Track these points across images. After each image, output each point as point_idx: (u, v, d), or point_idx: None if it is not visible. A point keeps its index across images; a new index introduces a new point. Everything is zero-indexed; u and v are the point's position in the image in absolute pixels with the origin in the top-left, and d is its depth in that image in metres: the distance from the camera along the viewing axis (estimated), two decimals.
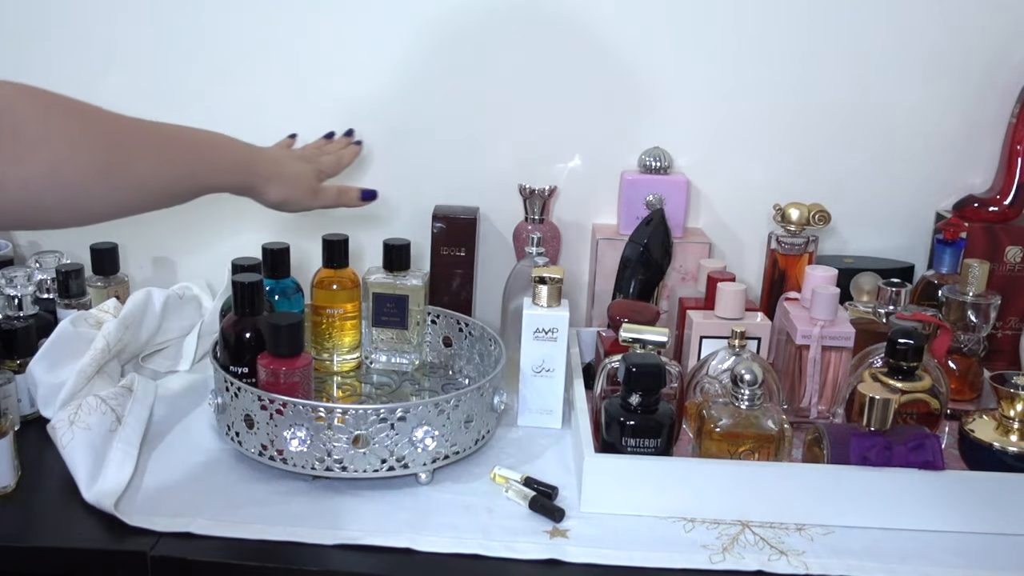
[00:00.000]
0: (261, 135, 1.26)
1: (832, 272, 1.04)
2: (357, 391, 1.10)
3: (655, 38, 1.22)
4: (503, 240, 1.30)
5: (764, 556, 0.81)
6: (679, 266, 1.21)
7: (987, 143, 1.24)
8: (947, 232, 1.13)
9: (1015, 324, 1.20)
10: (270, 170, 0.93)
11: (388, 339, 1.13)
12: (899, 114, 1.24)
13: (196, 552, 0.79)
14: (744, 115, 1.24)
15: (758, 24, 1.21)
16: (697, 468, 0.87)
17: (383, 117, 1.26)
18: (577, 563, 0.80)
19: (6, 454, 0.85)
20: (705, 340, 1.03)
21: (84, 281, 1.14)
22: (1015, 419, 0.90)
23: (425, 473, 0.89)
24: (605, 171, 1.27)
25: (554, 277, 1.00)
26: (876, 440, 0.86)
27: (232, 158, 0.90)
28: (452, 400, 0.89)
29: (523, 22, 1.22)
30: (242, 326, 0.94)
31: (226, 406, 0.92)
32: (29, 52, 1.25)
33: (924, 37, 1.20)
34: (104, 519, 0.82)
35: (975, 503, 0.85)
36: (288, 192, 0.95)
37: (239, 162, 0.90)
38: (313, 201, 0.99)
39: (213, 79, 1.26)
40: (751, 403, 0.89)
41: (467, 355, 1.13)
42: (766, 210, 1.20)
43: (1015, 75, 1.21)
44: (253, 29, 1.23)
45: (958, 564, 0.81)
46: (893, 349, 0.94)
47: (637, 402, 0.88)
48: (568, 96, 1.25)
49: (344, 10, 1.22)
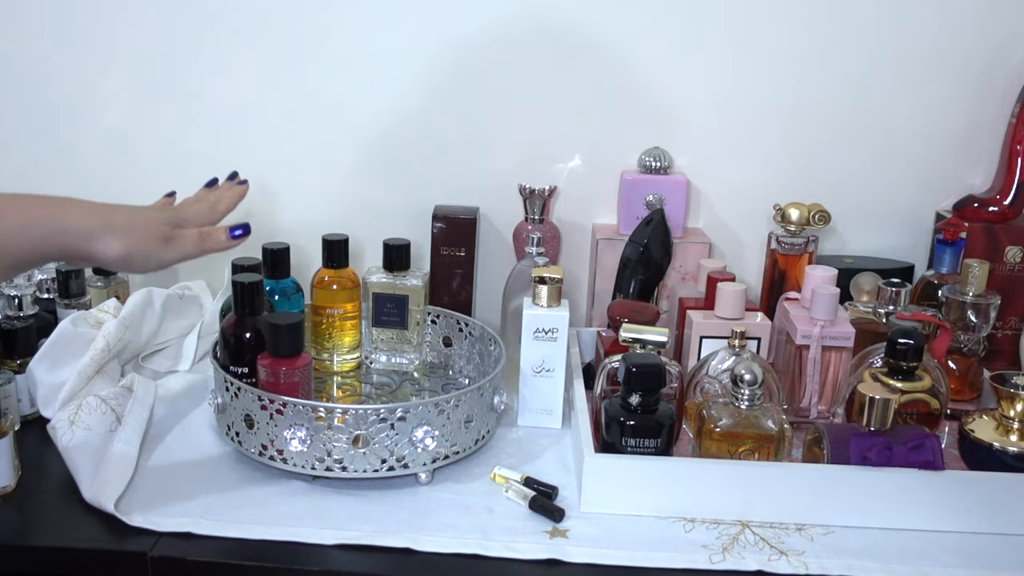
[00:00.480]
0: (260, 135, 1.27)
1: (832, 272, 1.04)
2: (357, 391, 1.10)
3: (655, 38, 1.22)
4: (503, 240, 1.30)
5: (764, 556, 0.81)
6: (679, 266, 1.21)
7: (987, 143, 1.24)
8: (947, 232, 1.13)
9: (1015, 324, 1.20)
10: (93, 222, 0.78)
11: (388, 339, 1.13)
12: (899, 114, 1.24)
13: (196, 552, 0.79)
14: (744, 115, 1.24)
15: (758, 24, 1.21)
16: (697, 468, 0.87)
17: (383, 117, 1.26)
18: (577, 563, 0.80)
19: (6, 454, 0.85)
20: (705, 340, 1.03)
21: (84, 281, 1.15)
22: (1015, 419, 0.90)
23: (425, 473, 0.89)
24: (605, 171, 1.27)
25: (554, 277, 1.00)
26: (876, 440, 0.86)
27: (27, 216, 0.75)
28: (452, 400, 0.89)
29: (523, 23, 1.22)
30: (242, 326, 0.94)
31: (226, 406, 0.92)
32: (29, 52, 1.24)
33: (924, 37, 1.20)
34: (104, 519, 0.82)
35: (975, 503, 0.85)
36: (128, 244, 0.79)
37: (40, 220, 0.76)
38: (166, 251, 0.82)
39: (211, 79, 1.26)
40: (751, 403, 0.89)
41: (467, 355, 1.13)
42: (766, 210, 1.20)
43: (1015, 75, 1.21)
44: (253, 30, 1.23)
45: (958, 564, 0.81)
46: (893, 349, 0.94)
47: (637, 402, 0.88)
48: (568, 96, 1.25)
49: (345, 12, 1.22)
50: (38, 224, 0.75)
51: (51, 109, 1.27)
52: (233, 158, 1.27)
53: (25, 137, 1.28)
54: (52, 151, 1.28)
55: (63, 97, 1.26)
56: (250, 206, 0.95)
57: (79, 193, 0.80)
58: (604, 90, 1.24)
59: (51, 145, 1.28)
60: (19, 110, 1.27)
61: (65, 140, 1.28)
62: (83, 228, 0.77)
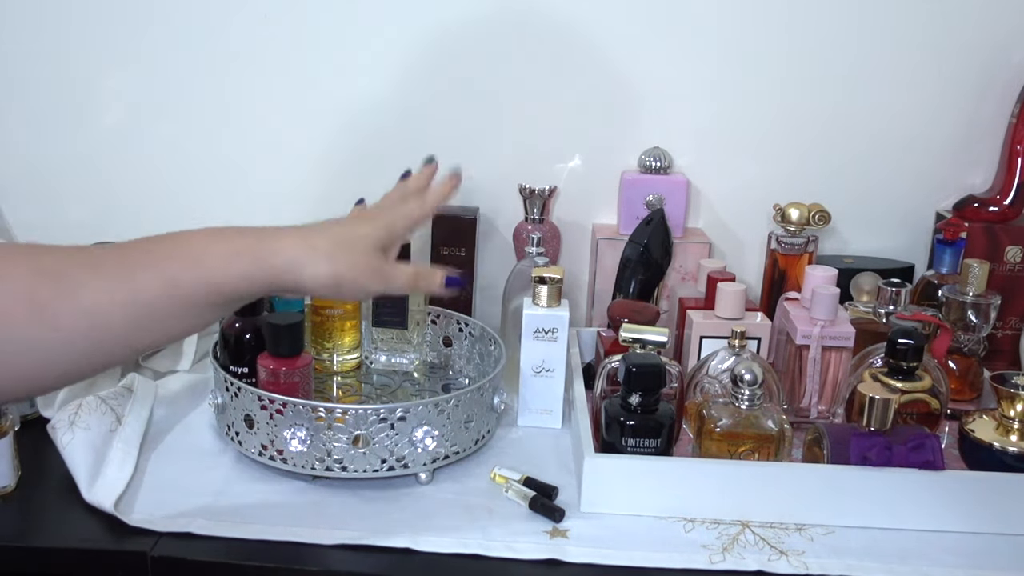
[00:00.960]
0: (259, 135, 1.27)
1: (832, 272, 1.04)
2: (357, 391, 1.10)
3: (655, 38, 1.22)
4: (503, 240, 1.30)
5: (764, 556, 0.81)
6: (679, 266, 1.21)
7: (987, 143, 1.24)
8: (947, 232, 1.13)
9: (1015, 324, 1.20)
10: (293, 247, 0.70)
11: (388, 339, 1.13)
12: (899, 114, 1.24)
13: (196, 552, 0.79)
14: (744, 115, 1.24)
15: (759, 24, 1.21)
16: (697, 468, 0.87)
17: (383, 117, 1.26)
18: (577, 563, 0.80)
19: (6, 454, 0.85)
20: (705, 340, 1.03)
21: None
22: (1015, 419, 0.90)
23: (425, 473, 0.89)
24: (605, 171, 1.26)
25: (554, 277, 1.00)
26: (876, 440, 0.86)
27: (225, 249, 0.68)
28: (452, 400, 0.89)
29: (524, 23, 1.22)
30: (242, 326, 0.94)
31: (226, 406, 0.92)
32: (30, 52, 1.24)
33: (924, 37, 1.20)
34: (104, 519, 0.82)
35: (975, 503, 0.85)
36: (337, 269, 0.71)
37: (239, 252, 0.68)
38: (376, 284, 0.74)
39: (209, 78, 1.26)
40: (751, 403, 0.89)
41: (467, 355, 1.13)
42: (766, 210, 1.20)
43: (1015, 75, 1.20)
44: (253, 30, 1.23)
45: (958, 564, 0.81)
46: (893, 349, 0.94)
47: (637, 402, 0.88)
48: (568, 96, 1.24)
49: (346, 11, 1.22)
50: (243, 253, 0.68)
51: (51, 109, 1.27)
52: (233, 158, 1.28)
53: (25, 137, 1.28)
54: (51, 151, 1.28)
55: (63, 97, 1.26)
56: (251, 206, 0.95)
57: (82, 195, 0.80)
58: (604, 90, 1.24)
59: (51, 146, 1.28)
60: (20, 110, 1.27)
61: (65, 140, 1.28)
62: (289, 254, 0.70)
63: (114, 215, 1.28)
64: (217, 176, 1.28)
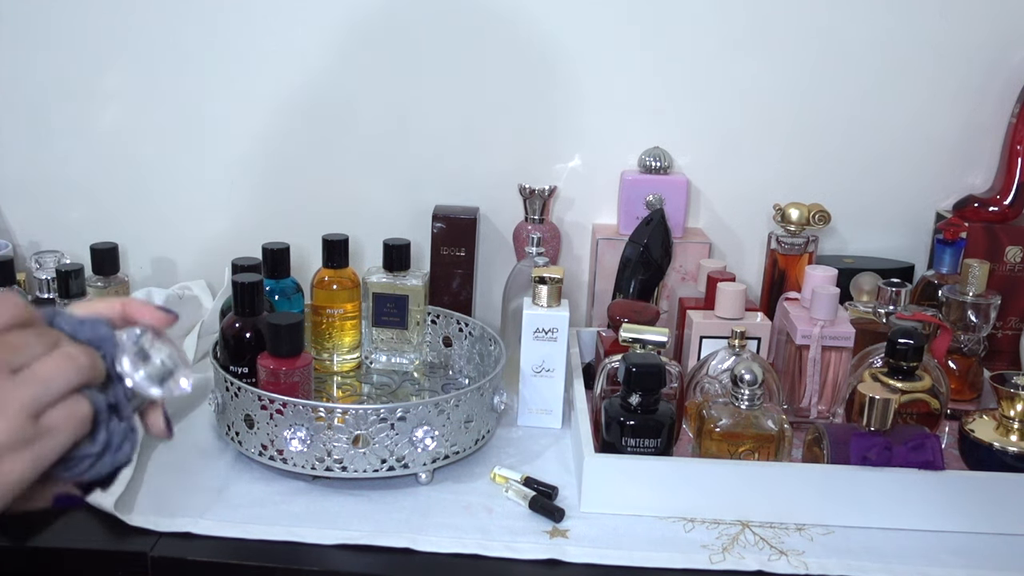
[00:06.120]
0: (257, 136, 1.27)
1: (832, 272, 1.04)
2: (357, 391, 1.10)
3: (656, 38, 1.22)
4: (503, 240, 1.30)
5: (764, 556, 0.81)
6: (679, 266, 1.21)
7: (987, 143, 1.24)
8: (947, 232, 1.13)
9: (1015, 324, 1.20)
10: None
11: (388, 339, 1.13)
12: (899, 114, 1.24)
13: (196, 552, 0.79)
14: (744, 115, 1.24)
15: (759, 24, 1.21)
16: (697, 468, 0.87)
17: (383, 117, 1.26)
18: (577, 563, 0.80)
19: None
20: (705, 340, 1.03)
21: (84, 281, 1.14)
22: (1015, 419, 0.90)
23: (425, 473, 0.89)
24: (605, 171, 1.27)
25: (554, 277, 1.00)
26: (876, 440, 0.86)
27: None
28: (452, 400, 0.89)
29: (524, 22, 1.22)
30: (242, 326, 0.94)
31: (226, 406, 0.92)
32: (29, 52, 1.24)
33: (924, 38, 1.20)
34: (104, 519, 0.82)
35: (975, 503, 0.85)
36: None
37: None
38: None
39: (207, 78, 1.26)
40: (751, 403, 0.89)
41: (467, 355, 1.13)
42: (766, 210, 1.20)
43: (1015, 75, 1.21)
44: (254, 31, 1.23)
45: (958, 564, 0.81)
46: (893, 349, 0.94)
47: (637, 402, 0.88)
48: (568, 96, 1.25)
49: (345, 9, 1.22)
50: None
51: (50, 110, 1.27)
52: (234, 158, 1.28)
53: (24, 138, 1.28)
54: (51, 152, 1.28)
55: (62, 98, 1.26)
56: (250, 205, 0.95)
57: (79, 196, 0.80)
58: (604, 90, 1.24)
59: (51, 146, 1.28)
60: (20, 110, 1.27)
61: (64, 141, 1.28)
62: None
63: (114, 215, 1.29)
64: (213, 176, 1.29)
